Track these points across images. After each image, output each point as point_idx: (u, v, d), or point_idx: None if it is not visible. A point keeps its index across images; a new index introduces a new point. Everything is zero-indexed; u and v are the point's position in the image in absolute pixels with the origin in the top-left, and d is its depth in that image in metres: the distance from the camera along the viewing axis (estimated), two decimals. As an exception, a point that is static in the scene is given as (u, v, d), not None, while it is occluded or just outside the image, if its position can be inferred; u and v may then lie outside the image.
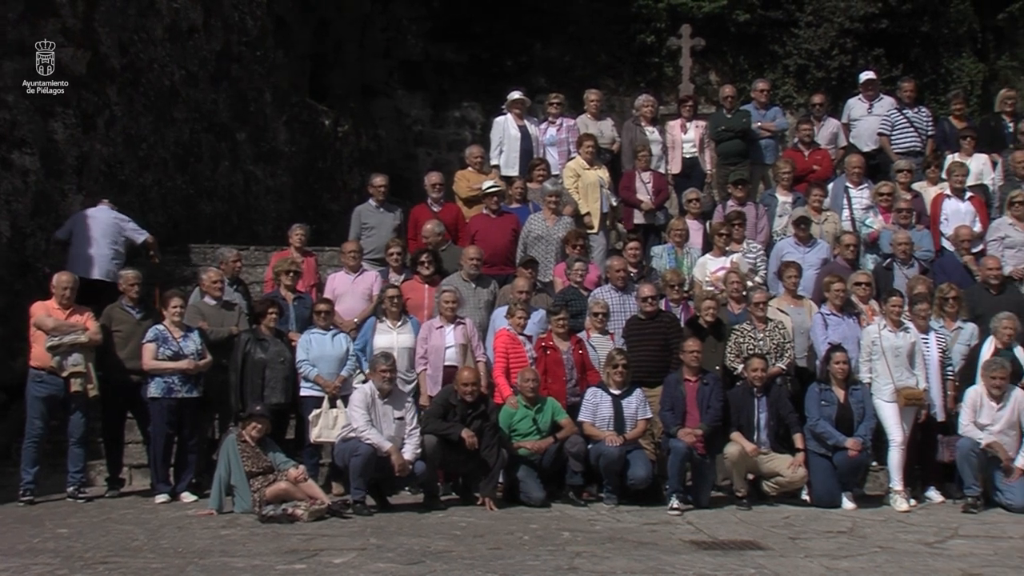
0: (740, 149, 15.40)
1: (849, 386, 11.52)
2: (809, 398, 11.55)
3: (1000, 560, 8.99)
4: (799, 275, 12.62)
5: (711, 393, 11.41)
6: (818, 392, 11.52)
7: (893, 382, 11.48)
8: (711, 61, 23.01)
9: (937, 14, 23.68)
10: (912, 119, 15.14)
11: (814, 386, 11.62)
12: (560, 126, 15.40)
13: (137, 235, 13.56)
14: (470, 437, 10.98)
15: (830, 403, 11.43)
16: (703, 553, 9.14)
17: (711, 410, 11.35)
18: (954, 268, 13.25)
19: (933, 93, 22.56)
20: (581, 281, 12.89)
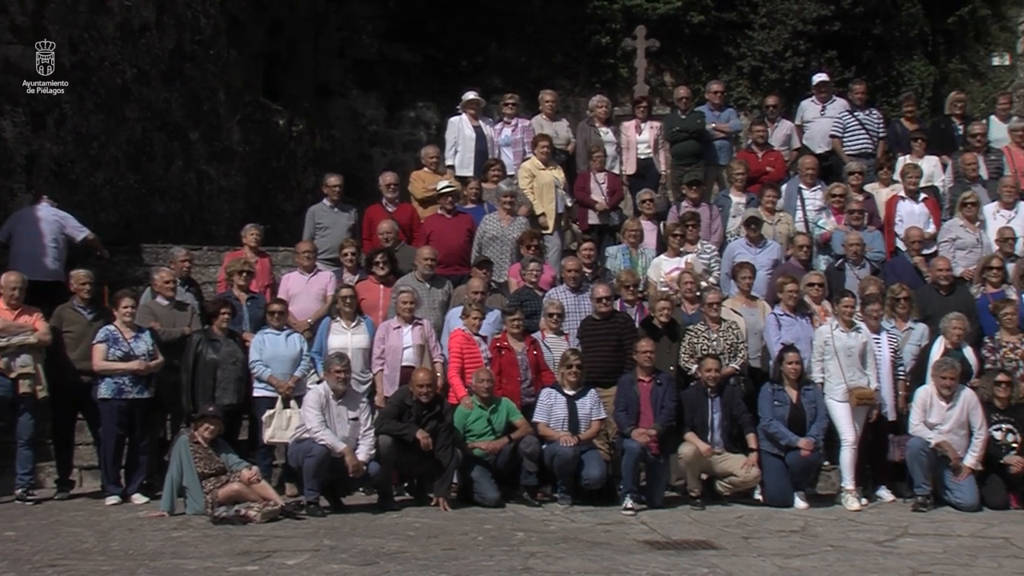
0: (694, 150, 15.46)
1: (802, 386, 11.58)
2: (762, 398, 11.60)
3: (949, 558, 9.08)
4: (753, 276, 12.68)
5: (665, 393, 11.44)
6: (771, 392, 11.57)
7: (845, 382, 11.55)
8: (666, 62, 23.06)
9: (889, 17, 23.85)
10: (864, 121, 15.26)
11: (767, 386, 11.67)
12: (515, 127, 15.40)
13: (77, 232, 13.31)
14: (424, 438, 10.95)
15: (783, 403, 11.49)
16: (657, 553, 9.17)
17: (664, 410, 11.38)
18: (905, 269, 13.37)
19: (885, 95, 22.73)
20: (536, 282, 12.88)
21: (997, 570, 8.73)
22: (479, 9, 22.41)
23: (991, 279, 12.77)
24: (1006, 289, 12.71)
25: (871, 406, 11.64)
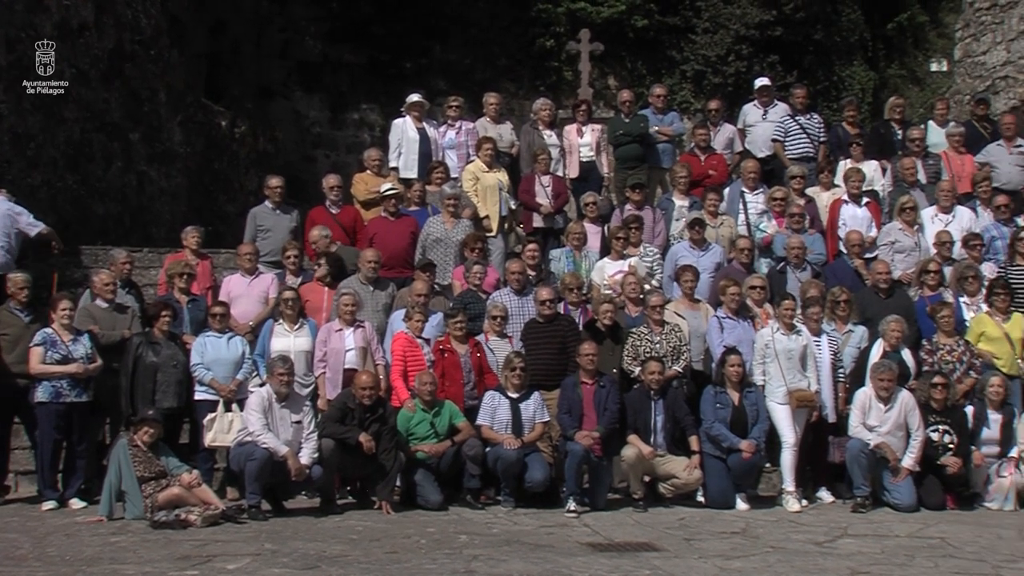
0: (638, 153, 15.51)
1: (743, 389, 11.65)
2: (704, 401, 11.66)
3: (887, 558, 9.18)
4: (695, 279, 12.74)
5: (608, 396, 11.46)
6: (713, 395, 11.63)
7: (785, 384, 11.63)
8: (610, 66, 23.19)
9: (829, 23, 24.15)
10: (805, 125, 15.37)
11: (709, 389, 11.73)
12: (459, 129, 15.37)
13: (31, 228, 13.09)
14: (367, 441, 10.91)
15: (725, 406, 11.55)
16: (599, 555, 9.19)
17: (608, 412, 11.40)
18: (845, 272, 13.48)
19: (826, 100, 23.00)
20: (479, 284, 12.87)
21: (933, 570, 8.83)
22: (423, 11, 22.41)
23: (929, 282, 12.92)
24: (943, 292, 12.86)
25: (811, 408, 11.72)
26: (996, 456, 11.69)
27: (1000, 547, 9.67)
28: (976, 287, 12.70)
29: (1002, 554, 9.38)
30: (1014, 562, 9.09)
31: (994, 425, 11.72)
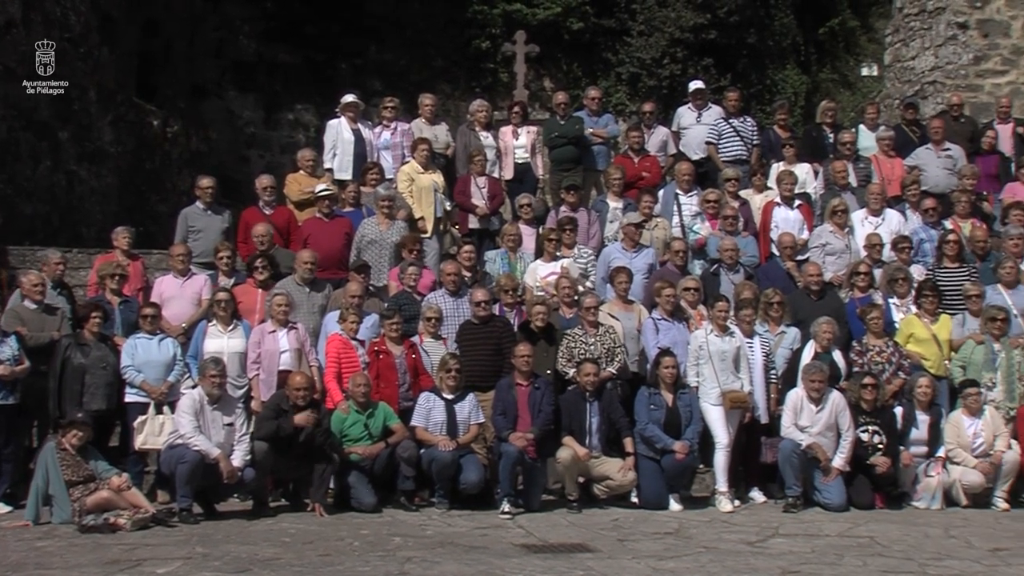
0: (573, 155, 15.54)
1: (677, 390, 11.71)
2: (639, 402, 11.71)
3: (817, 557, 9.29)
4: (629, 280, 12.79)
5: (543, 397, 11.48)
6: (647, 396, 11.68)
7: (719, 385, 11.70)
8: (545, 67, 23.22)
9: (763, 27, 24.35)
10: (738, 128, 15.48)
11: (643, 390, 11.78)
12: (394, 130, 15.32)
13: None
14: (305, 420, 10.81)
15: (659, 407, 11.60)
16: (533, 556, 9.21)
17: (542, 414, 11.42)
18: (777, 274, 13.60)
19: (760, 103, 23.18)
20: (415, 286, 12.85)
21: (862, 568, 8.96)
22: (359, 12, 22.29)
23: (859, 284, 13.07)
24: (873, 294, 13.02)
25: (744, 409, 11.81)
26: (924, 456, 11.86)
27: (927, 545, 9.83)
28: (906, 289, 12.87)
29: (928, 552, 9.54)
30: (939, 560, 9.25)
31: (922, 425, 11.90)
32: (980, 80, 18.53)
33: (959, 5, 18.60)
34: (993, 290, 12.82)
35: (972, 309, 12.55)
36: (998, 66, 18.54)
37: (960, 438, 11.75)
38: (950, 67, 18.81)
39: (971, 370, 12.14)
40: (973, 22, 18.54)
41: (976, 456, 11.72)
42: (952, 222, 14.13)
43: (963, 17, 18.53)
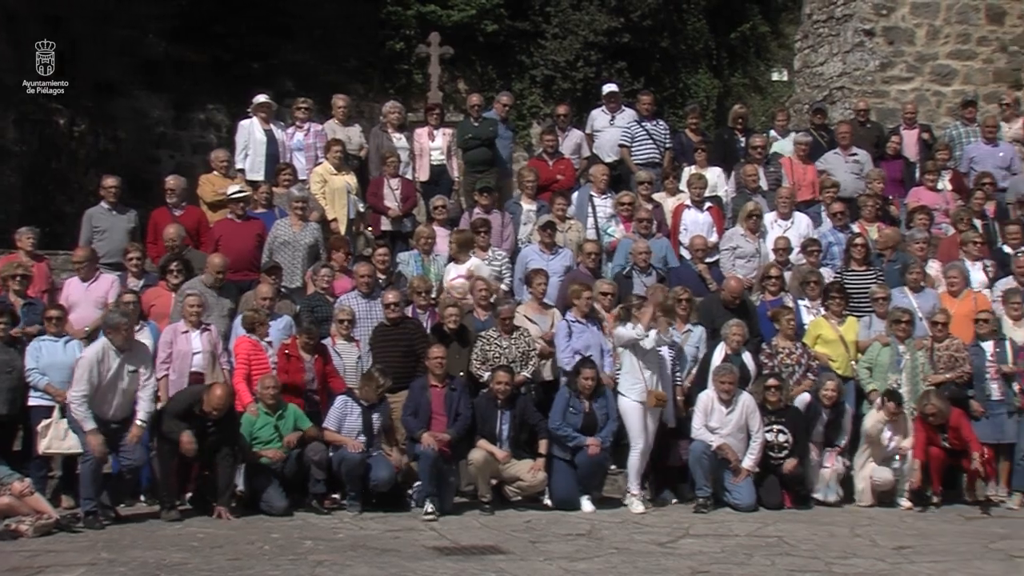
0: (486, 157, 15.53)
1: (595, 396, 11.74)
2: (557, 402, 11.69)
3: (727, 557, 9.40)
4: (546, 283, 12.81)
5: (459, 399, 11.46)
6: (566, 398, 11.67)
7: (643, 381, 11.58)
8: (460, 69, 23.23)
9: (675, 31, 24.61)
10: (651, 131, 15.57)
11: (564, 391, 11.76)
12: (307, 131, 15.22)
13: None
14: (188, 443, 10.62)
15: (577, 411, 11.59)
16: (445, 558, 9.21)
17: (461, 417, 11.41)
18: (689, 276, 13.72)
19: (672, 107, 23.42)
20: (327, 287, 12.77)
21: (770, 568, 9.08)
22: (271, 11, 22.09)
23: (770, 287, 13.21)
24: (784, 297, 13.17)
25: (663, 408, 11.77)
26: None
27: (833, 544, 10.00)
28: (817, 291, 13.02)
29: (834, 551, 9.70)
30: (845, 559, 9.42)
31: (824, 423, 12.08)
32: (886, 86, 18.87)
33: (866, 13, 18.92)
34: (900, 293, 13.04)
35: (878, 311, 12.76)
36: (903, 73, 18.89)
37: (877, 443, 11.92)
38: (857, 73, 19.12)
39: (877, 371, 12.35)
40: (879, 29, 18.88)
41: (888, 456, 11.92)
42: (859, 226, 14.35)
43: (870, 24, 18.86)
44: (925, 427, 11.78)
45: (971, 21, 18.89)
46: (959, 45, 18.87)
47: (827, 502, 11.92)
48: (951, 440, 11.77)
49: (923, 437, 11.75)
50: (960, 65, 18.90)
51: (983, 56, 18.91)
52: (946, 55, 18.89)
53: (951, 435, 11.77)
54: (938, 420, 11.73)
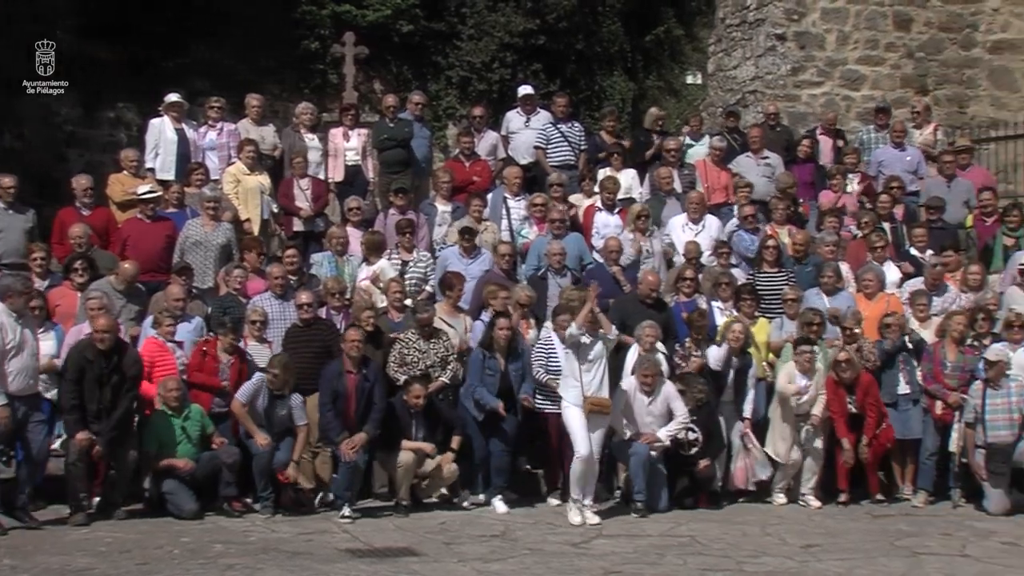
0: (402, 158, 15.50)
1: (510, 356, 11.65)
2: (473, 364, 11.65)
3: (639, 557, 9.49)
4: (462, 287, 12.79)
5: (373, 388, 11.29)
6: (482, 359, 11.59)
7: (581, 385, 11.07)
8: (375, 70, 23.09)
9: (591, 33, 24.70)
10: (566, 133, 15.63)
11: (478, 352, 11.71)
12: (221, 130, 15.07)
13: None
14: (83, 440, 10.42)
15: (493, 372, 11.53)
16: (358, 561, 9.20)
17: (376, 409, 11.27)
18: (604, 278, 13.75)
19: (588, 109, 23.50)
20: (240, 288, 12.65)
21: (682, 567, 9.19)
22: (184, 8, 21.80)
23: (684, 289, 13.30)
24: (697, 298, 13.27)
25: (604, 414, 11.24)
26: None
27: (744, 543, 10.12)
28: (729, 293, 13.13)
29: (746, 550, 9.83)
30: (756, 557, 9.56)
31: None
32: (797, 90, 19.13)
33: (777, 17, 19.16)
34: (814, 294, 13.21)
35: (789, 313, 12.91)
36: (814, 77, 19.17)
37: (787, 386, 11.98)
38: (769, 77, 19.36)
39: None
40: (791, 34, 19.13)
41: (798, 416, 12.00)
42: (770, 228, 14.52)
43: (781, 29, 19.11)
44: (835, 386, 11.97)
45: (879, 27, 19.21)
46: (868, 51, 19.19)
47: (761, 479, 12.05)
48: (859, 401, 11.94)
49: (830, 395, 11.94)
50: (869, 70, 19.22)
51: (891, 62, 19.25)
52: (855, 60, 19.20)
53: (859, 396, 11.95)
54: (849, 375, 11.94)
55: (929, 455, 12.28)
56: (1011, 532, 10.76)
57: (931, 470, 12.28)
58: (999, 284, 13.83)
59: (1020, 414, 11.64)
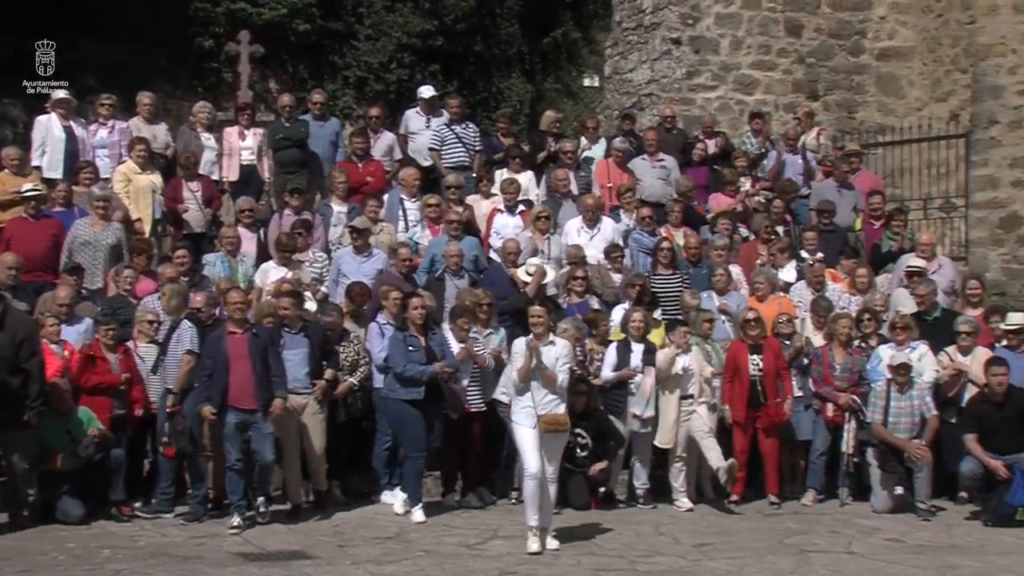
0: (298, 158, 15.36)
1: (428, 331, 11.47)
2: (394, 345, 11.37)
3: (533, 558, 9.55)
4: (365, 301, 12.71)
5: (267, 347, 10.90)
6: (402, 338, 11.34)
7: (534, 405, 9.92)
8: (271, 68, 22.91)
9: (489, 35, 24.79)
10: (460, 135, 15.63)
11: (397, 333, 11.48)
12: (112, 128, 14.80)
13: None
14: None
15: (416, 348, 11.27)
16: (250, 565, 9.11)
17: (275, 373, 10.96)
18: (501, 279, 13.77)
19: (486, 110, 23.55)
20: (130, 289, 12.44)
21: (576, 567, 9.25)
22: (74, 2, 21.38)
23: (576, 288, 13.37)
24: (588, 299, 13.34)
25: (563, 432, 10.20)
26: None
27: (637, 543, 10.22)
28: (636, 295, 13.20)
29: (639, 549, 9.93)
30: (649, 557, 9.66)
31: (636, 355, 12.15)
32: (692, 94, 19.34)
33: (673, 22, 19.37)
34: (707, 296, 13.36)
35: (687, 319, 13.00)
36: (709, 81, 19.40)
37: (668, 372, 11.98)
38: (665, 80, 19.55)
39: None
40: (686, 38, 19.34)
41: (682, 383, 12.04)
42: (666, 230, 14.66)
43: (676, 33, 19.31)
44: (740, 345, 12.19)
45: (771, 33, 19.52)
46: (760, 56, 19.49)
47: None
48: (765, 361, 12.10)
49: (733, 355, 12.12)
50: (761, 75, 19.51)
51: (783, 67, 19.56)
52: (748, 65, 19.48)
53: (769, 358, 12.13)
54: (756, 334, 12.17)
55: (819, 455, 12.50)
56: (895, 529, 11.02)
57: (820, 469, 12.51)
58: (886, 286, 14.14)
59: (921, 416, 11.89)
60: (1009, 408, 11.59)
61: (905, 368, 11.83)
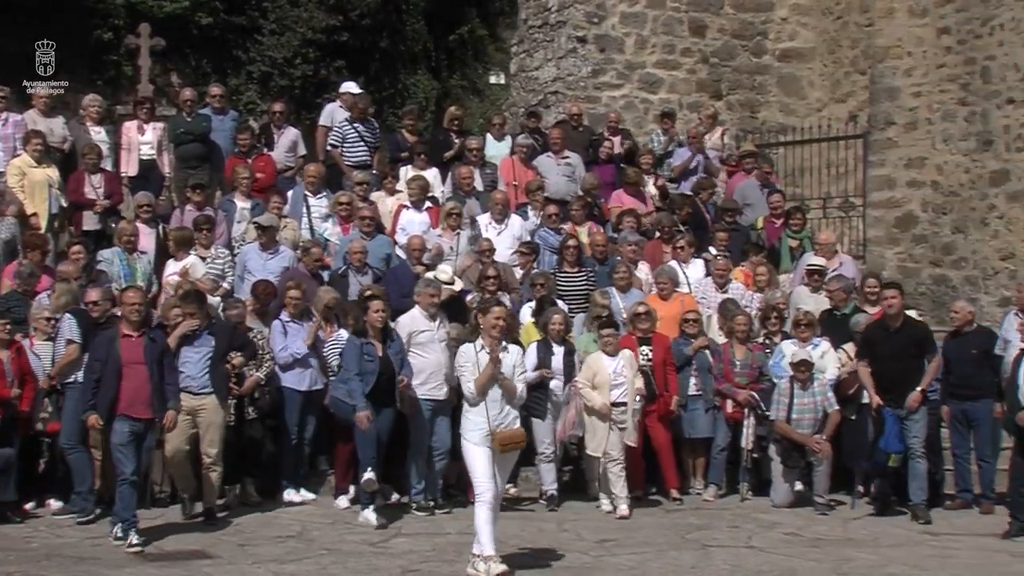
0: (200, 153, 15.17)
1: (386, 339, 11.29)
2: (349, 352, 11.19)
3: (437, 556, 9.53)
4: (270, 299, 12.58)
5: (163, 350, 10.43)
6: (359, 346, 11.12)
7: (488, 420, 9.10)
8: (173, 62, 22.56)
9: (395, 31, 24.71)
10: (362, 132, 15.55)
11: (353, 339, 11.29)
12: (6, 121, 14.47)
13: None
14: None
15: (372, 358, 11.05)
16: (148, 565, 9.01)
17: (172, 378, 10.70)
18: (406, 276, 13.71)
19: (391, 107, 23.48)
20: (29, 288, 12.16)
21: (478, 564, 9.20)
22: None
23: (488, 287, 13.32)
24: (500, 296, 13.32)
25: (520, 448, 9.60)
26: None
27: (541, 540, 10.27)
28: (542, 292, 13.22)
29: (543, 546, 9.94)
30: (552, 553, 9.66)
31: (557, 356, 12.25)
32: (598, 92, 19.39)
33: (578, 20, 19.42)
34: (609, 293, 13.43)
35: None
36: (614, 79, 19.47)
37: (599, 375, 11.81)
38: (571, 78, 19.59)
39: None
40: (591, 37, 19.40)
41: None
42: (570, 228, 14.71)
43: (582, 32, 19.37)
44: (629, 338, 12.32)
45: (676, 33, 19.65)
46: (665, 55, 19.61)
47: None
48: (654, 354, 12.27)
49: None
50: (666, 74, 19.64)
51: (687, 66, 19.70)
52: (653, 64, 19.59)
53: (658, 353, 12.28)
54: (646, 328, 12.31)
55: (719, 451, 12.65)
56: (793, 523, 11.22)
57: (721, 465, 12.66)
58: (788, 284, 14.35)
59: (823, 412, 12.08)
60: (902, 335, 11.80)
61: (806, 365, 12.01)
